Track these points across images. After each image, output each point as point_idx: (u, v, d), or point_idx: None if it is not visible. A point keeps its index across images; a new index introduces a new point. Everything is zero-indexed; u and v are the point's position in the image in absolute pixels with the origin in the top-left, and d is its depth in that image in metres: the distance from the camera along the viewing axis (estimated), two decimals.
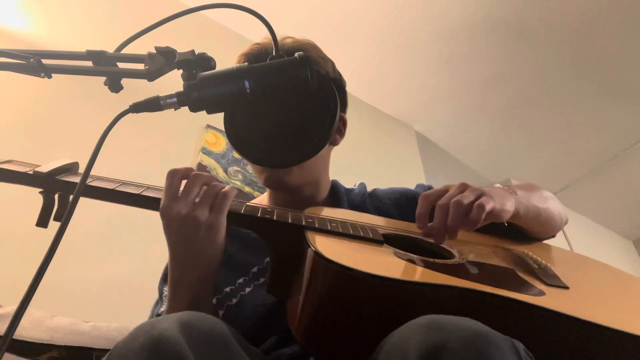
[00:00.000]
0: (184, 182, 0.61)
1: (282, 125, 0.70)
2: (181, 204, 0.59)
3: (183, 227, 0.59)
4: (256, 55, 0.76)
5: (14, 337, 0.77)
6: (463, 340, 0.37)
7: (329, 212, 0.72)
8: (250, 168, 2.03)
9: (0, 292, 0.95)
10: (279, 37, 0.61)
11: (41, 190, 0.63)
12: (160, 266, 0.80)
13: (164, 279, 0.78)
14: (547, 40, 2.43)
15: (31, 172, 0.62)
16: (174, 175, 0.61)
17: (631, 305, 0.64)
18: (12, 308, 0.85)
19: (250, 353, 0.47)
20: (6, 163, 0.64)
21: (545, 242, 0.86)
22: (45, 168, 0.63)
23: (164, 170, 0.62)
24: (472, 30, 2.42)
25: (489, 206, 0.60)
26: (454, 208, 0.60)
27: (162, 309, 0.73)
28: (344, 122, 0.84)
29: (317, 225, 0.61)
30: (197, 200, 0.60)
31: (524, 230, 0.79)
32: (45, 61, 0.53)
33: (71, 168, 0.67)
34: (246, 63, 0.76)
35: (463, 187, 0.63)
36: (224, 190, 0.61)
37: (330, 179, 0.90)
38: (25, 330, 0.81)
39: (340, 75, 0.83)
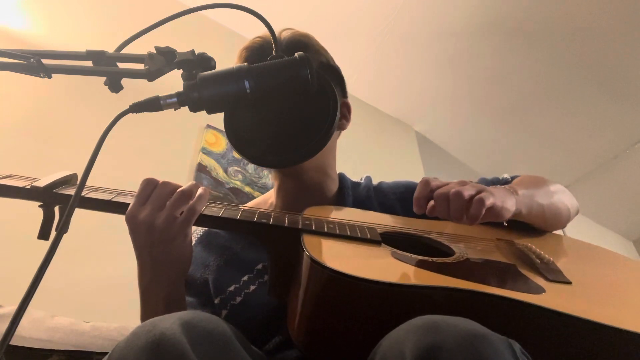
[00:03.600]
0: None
1: (282, 125, 0.70)
2: (147, 211, 0.59)
3: (148, 234, 0.59)
4: (257, 49, 0.76)
5: (15, 343, 0.77)
6: (459, 340, 0.37)
7: (329, 213, 0.71)
8: (250, 168, 2.03)
9: (0, 292, 0.95)
10: (277, 31, 0.61)
11: (40, 204, 0.63)
12: None
13: None
14: (547, 41, 2.42)
15: (29, 187, 0.62)
16: (148, 183, 0.61)
17: (637, 301, 0.62)
18: (12, 308, 0.85)
19: (252, 353, 0.47)
20: (5, 178, 0.64)
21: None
22: (42, 182, 0.63)
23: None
24: (472, 30, 2.42)
25: (489, 201, 0.59)
26: (454, 199, 0.59)
27: None
28: (348, 108, 0.84)
29: (314, 228, 0.61)
30: (164, 209, 0.60)
31: (529, 225, 0.79)
32: (45, 61, 0.53)
33: (69, 180, 0.67)
34: (248, 57, 0.76)
35: (463, 183, 0.63)
36: (191, 203, 0.60)
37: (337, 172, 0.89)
38: (25, 331, 0.81)
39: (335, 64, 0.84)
